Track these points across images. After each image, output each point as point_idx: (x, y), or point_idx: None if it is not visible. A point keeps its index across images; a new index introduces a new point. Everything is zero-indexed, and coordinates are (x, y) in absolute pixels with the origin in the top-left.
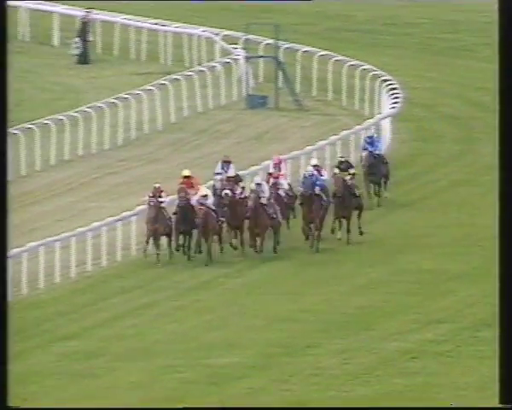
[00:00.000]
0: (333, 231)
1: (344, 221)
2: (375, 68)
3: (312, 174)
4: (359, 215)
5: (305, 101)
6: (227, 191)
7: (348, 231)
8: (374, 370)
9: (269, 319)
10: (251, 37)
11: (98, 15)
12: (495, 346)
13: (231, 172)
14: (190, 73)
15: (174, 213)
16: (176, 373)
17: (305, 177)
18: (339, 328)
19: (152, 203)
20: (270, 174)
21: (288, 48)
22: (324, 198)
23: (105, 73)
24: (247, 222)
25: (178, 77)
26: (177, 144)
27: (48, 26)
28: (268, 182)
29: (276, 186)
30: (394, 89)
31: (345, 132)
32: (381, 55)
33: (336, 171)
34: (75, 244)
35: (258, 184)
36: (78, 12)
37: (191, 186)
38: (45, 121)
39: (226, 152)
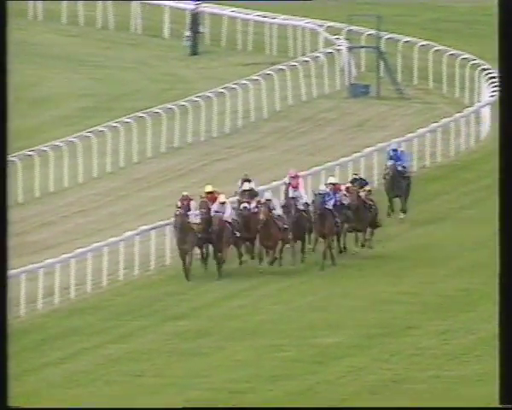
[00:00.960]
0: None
1: (360, 234)
2: (474, 57)
3: (324, 193)
4: (372, 229)
5: (406, 89)
6: (245, 205)
7: (362, 245)
8: (473, 350)
9: (370, 300)
10: (353, 28)
11: (207, 8)
12: None
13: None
14: (295, 64)
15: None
16: (281, 352)
17: (315, 195)
18: (438, 310)
19: (178, 213)
20: (288, 184)
21: (389, 38)
22: (337, 215)
23: (213, 64)
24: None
25: (283, 67)
26: (282, 132)
27: (159, 19)
28: (286, 191)
29: (294, 199)
30: (494, 77)
31: (445, 120)
32: (481, 45)
33: (349, 185)
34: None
35: (269, 200)
36: (188, 5)
37: (214, 201)
38: (156, 110)
39: (329, 140)
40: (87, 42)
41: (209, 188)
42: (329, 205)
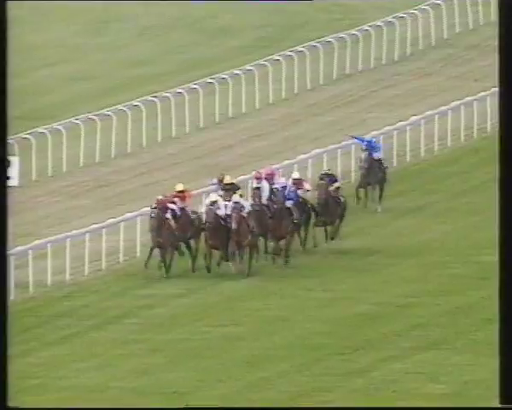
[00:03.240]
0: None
1: (328, 228)
2: None
3: (284, 186)
4: (339, 223)
5: None
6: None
7: (332, 238)
8: None
9: None
10: None
11: None
12: None
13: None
14: None
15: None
16: (447, 269)
17: (276, 189)
18: None
19: (153, 215)
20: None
21: None
22: (296, 214)
23: None
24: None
25: None
26: (449, 59)
27: None
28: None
29: (257, 195)
30: None
31: None
32: None
33: (320, 182)
34: (355, 152)
35: (237, 203)
36: None
37: (184, 200)
38: (329, 39)
39: (495, 66)
40: None
41: (180, 186)
42: (288, 204)
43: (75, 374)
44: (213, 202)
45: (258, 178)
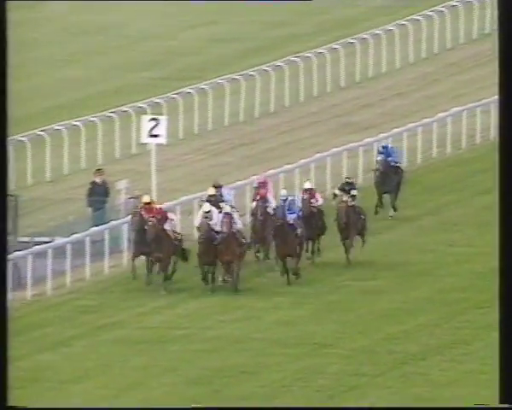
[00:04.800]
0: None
1: (347, 242)
2: None
3: (286, 199)
4: (362, 238)
5: None
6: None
7: (347, 251)
8: None
9: None
10: None
11: None
12: None
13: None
14: None
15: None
16: None
17: (277, 205)
18: None
19: (150, 223)
20: (257, 192)
21: None
22: (299, 229)
23: None
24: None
25: None
26: None
27: None
28: (255, 200)
29: (264, 205)
30: None
31: None
32: None
33: (337, 192)
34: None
35: (227, 214)
36: None
37: (151, 212)
38: (440, 9)
39: None
40: None
41: (147, 198)
42: (291, 219)
43: (220, 325)
44: (207, 212)
45: (263, 196)
